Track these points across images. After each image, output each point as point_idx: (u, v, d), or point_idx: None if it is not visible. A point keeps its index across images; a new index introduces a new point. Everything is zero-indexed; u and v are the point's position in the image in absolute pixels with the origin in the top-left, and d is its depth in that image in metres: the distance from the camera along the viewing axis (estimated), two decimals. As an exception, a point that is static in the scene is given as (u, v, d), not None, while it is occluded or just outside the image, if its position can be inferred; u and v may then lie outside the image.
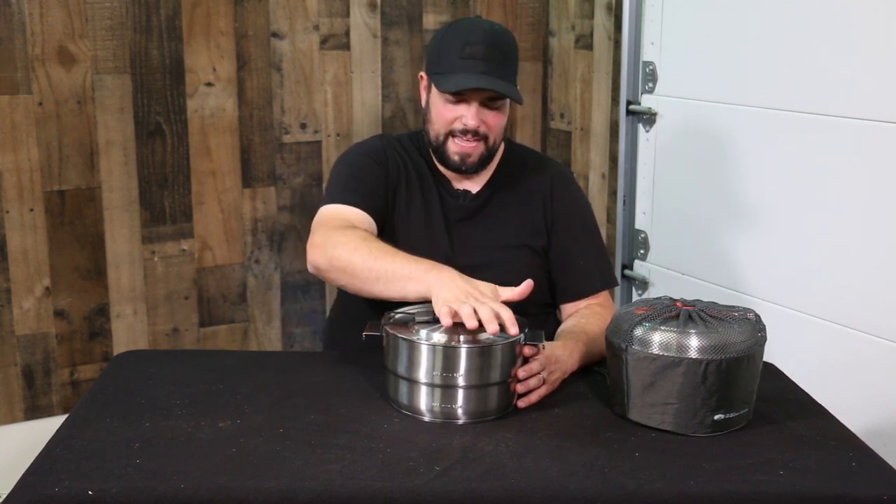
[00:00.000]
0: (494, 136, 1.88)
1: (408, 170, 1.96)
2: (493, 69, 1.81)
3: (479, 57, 1.81)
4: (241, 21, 2.69)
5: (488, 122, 1.86)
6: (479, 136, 1.86)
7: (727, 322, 1.52)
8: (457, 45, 1.83)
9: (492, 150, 1.91)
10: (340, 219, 1.81)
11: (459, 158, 1.88)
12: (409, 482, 1.34)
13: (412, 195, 1.95)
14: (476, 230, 1.95)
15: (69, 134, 2.53)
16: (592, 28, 2.99)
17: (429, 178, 1.97)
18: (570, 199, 2.01)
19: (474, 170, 1.91)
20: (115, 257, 2.63)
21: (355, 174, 1.91)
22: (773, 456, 1.45)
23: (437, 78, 1.85)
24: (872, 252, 2.22)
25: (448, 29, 1.93)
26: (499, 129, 1.89)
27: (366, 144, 2.03)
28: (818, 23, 2.31)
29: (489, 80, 1.80)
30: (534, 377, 1.60)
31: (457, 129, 1.86)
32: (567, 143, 3.16)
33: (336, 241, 1.73)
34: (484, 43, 1.82)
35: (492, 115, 1.86)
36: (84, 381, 2.62)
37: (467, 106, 1.84)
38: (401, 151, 1.99)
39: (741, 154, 2.55)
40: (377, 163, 1.94)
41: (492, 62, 1.81)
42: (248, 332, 2.84)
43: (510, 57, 1.86)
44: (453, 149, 1.88)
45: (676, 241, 2.81)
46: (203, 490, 1.31)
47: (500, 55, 1.83)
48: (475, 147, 1.87)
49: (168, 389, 1.63)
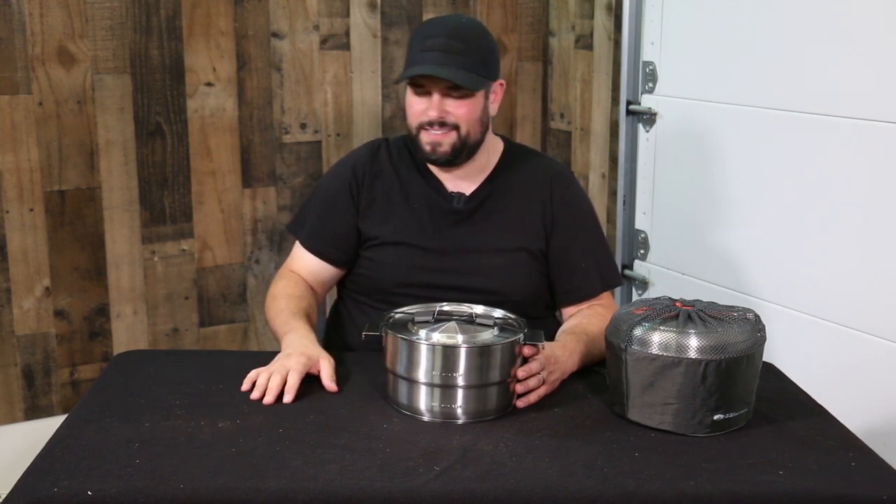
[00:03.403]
0: (466, 126, 1.87)
1: (390, 175, 1.97)
2: (450, 59, 1.82)
3: (437, 49, 1.83)
4: (241, 21, 2.69)
5: (453, 111, 1.86)
6: (447, 125, 1.86)
7: (727, 322, 1.51)
8: (419, 40, 1.87)
9: (467, 141, 1.89)
10: (287, 270, 2.01)
11: (430, 148, 1.89)
12: (409, 482, 1.34)
13: (394, 199, 1.95)
14: (470, 233, 1.93)
15: (69, 134, 2.53)
16: (592, 28, 2.99)
17: (419, 181, 1.96)
18: (571, 201, 1.99)
19: (447, 160, 1.90)
20: (115, 257, 2.63)
21: (317, 210, 2.00)
22: (772, 456, 1.45)
23: (403, 72, 1.89)
24: (872, 252, 2.22)
25: (419, 26, 1.98)
26: (469, 119, 1.87)
27: (343, 161, 2.06)
28: (818, 23, 2.31)
29: (436, 68, 1.82)
30: (533, 377, 1.60)
31: (424, 121, 1.87)
32: (567, 143, 3.16)
33: (269, 300, 1.95)
34: (444, 35, 1.84)
35: (454, 104, 1.86)
36: (84, 381, 2.62)
37: (429, 98, 1.86)
38: (385, 157, 2.00)
39: (741, 154, 2.55)
40: (343, 185, 1.98)
41: (450, 52, 1.83)
42: (248, 332, 2.84)
43: (472, 46, 1.86)
44: (425, 139, 1.88)
45: (676, 241, 2.81)
46: (203, 490, 1.31)
47: (459, 45, 1.84)
48: (444, 136, 1.87)
49: (168, 389, 1.63)
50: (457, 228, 1.94)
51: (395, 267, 1.92)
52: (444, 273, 1.91)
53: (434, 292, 1.85)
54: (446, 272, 1.91)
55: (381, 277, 1.93)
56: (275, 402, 1.58)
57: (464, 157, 1.91)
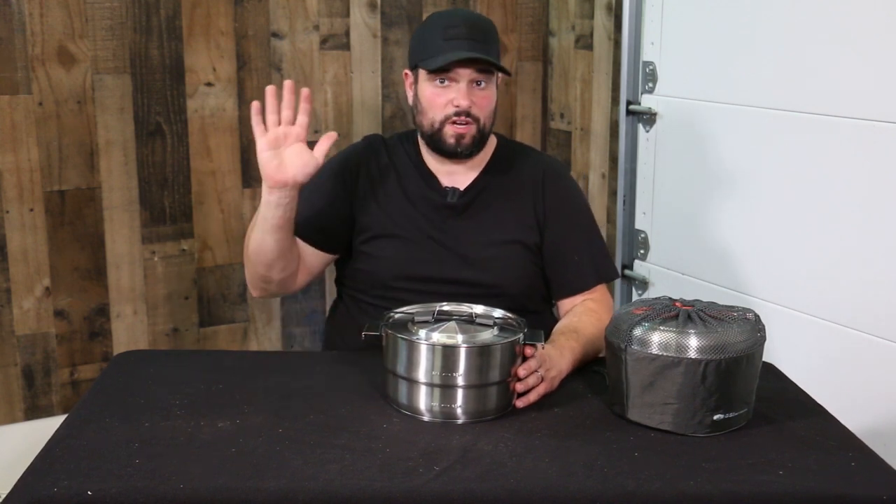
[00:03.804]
0: (485, 118, 1.90)
1: (386, 169, 1.98)
2: (478, 47, 1.85)
3: (462, 37, 1.85)
4: (241, 21, 2.69)
5: (478, 102, 1.88)
6: (471, 117, 1.88)
7: (726, 322, 1.52)
8: (439, 30, 1.88)
9: (483, 134, 1.92)
10: None
11: (455, 141, 1.89)
12: (409, 482, 1.34)
13: (391, 193, 1.96)
14: (465, 227, 1.95)
15: (69, 134, 2.53)
16: (592, 28, 2.99)
17: (414, 176, 1.97)
18: (562, 193, 2.00)
19: (468, 153, 1.92)
20: (115, 257, 2.63)
21: (309, 197, 1.97)
22: (772, 456, 1.45)
23: (425, 63, 1.88)
24: (872, 252, 2.22)
25: (427, 20, 1.98)
26: (488, 111, 1.90)
27: (339, 155, 2.06)
28: (818, 23, 2.31)
29: (477, 51, 1.84)
30: (532, 375, 1.60)
31: (450, 113, 1.87)
32: (567, 143, 3.16)
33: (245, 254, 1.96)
34: (465, 25, 1.87)
35: (481, 94, 1.88)
36: (84, 381, 2.62)
37: (457, 86, 1.87)
38: (382, 151, 2.01)
39: (741, 154, 2.55)
40: (337, 176, 1.98)
41: (475, 41, 1.86)
42: (248, 332, 2.84)
43: (491, 38, 1.91)
44: (449, 132, 1.89)
45: (676, 241, 2.81)
46: (203, 490, 1.31)
47: (482, 35, 1.88)
48: (467, 128, 1.88)
49: (168, 389, 1.63)
50: (452, 222, 1.95)
51: (393, 260, 1.93)
52: (441, 265, 1.92)
53: (432, 285, 1.87)
54: (443, 264, 1.92)
55: (379, 271, 1.94)
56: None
57: (480, 149, 1.93)
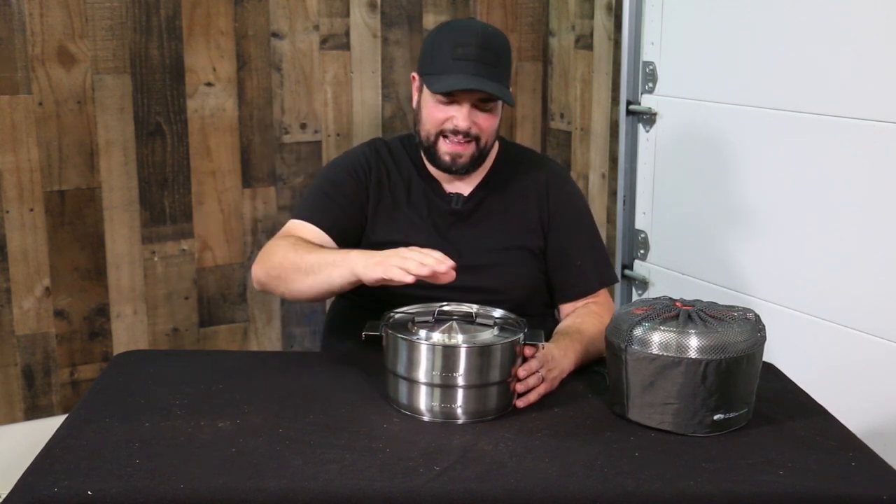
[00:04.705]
0: (486, 137, 1.88)
1: (394, 175, 1.96)
2: (485, 70, 1.81)
3: (471, 58, 1.80)
4: (241, 21, 2.69)
5: (479, 123, 1.85)
6: (470, 137, 1.85)
7: (727, 322, 1.51)
8: (449, 46, 1.83)
9: (483, 152, 1.90)
10: (287, 233, 1.89)
11: (450, 159, 1.87)
12: (409, 482, 1.34)
13: (398, 201, 1.94)
14: (469, 233, 1.94)
15: (69, 134, 2.53)
16: (592, 28, 2.99)
17: (418, 183, 1.96)
18: (566, 199, 2.00)
19: (465, 170, 1.90)
20: (115, 257, 2.63)
21: (325, 191, 1.94)
22: (772, 456, 1.45)
23: (429, 79, 1.85)
24: (872, 252, 2.22)
25: (440, 29, 1.92)
26: (490, 131, 1.88)
27: (348, 155, 2.03)
28: (818, 23, 2.31)
29: (480, 81, 1.80)
30: (533, 375, 1.60)
31: (447, 130, 1.85)
32: (567, 143, 3.16)
33: (270, 252, 1.83)
34: (476, 44, 1.81)
35: (483, 116, 1.85)
36: (84, 381, 2.62)
37: (459, 107, 1.83)
38: (388, 157, 1.98)
39: (741, 154, 2.55)
40: (352, 176, 1.94)
41: (484, 63, 1.81)
42: (248, 332, 2.84)
43: (503, 58, 1.86)
44: (444, 149, 1.87)
45: (676, 241, 2.81)
46: (203, 490, 1.31)
47: (492, 57, 1.82)
48: (466, 148, 1.86)
49: (168, 389, 1.63)
50: (455, 228, 1.94)
51: None
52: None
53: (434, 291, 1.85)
54: None
55: None
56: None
57: (478, 166, 1.92)
